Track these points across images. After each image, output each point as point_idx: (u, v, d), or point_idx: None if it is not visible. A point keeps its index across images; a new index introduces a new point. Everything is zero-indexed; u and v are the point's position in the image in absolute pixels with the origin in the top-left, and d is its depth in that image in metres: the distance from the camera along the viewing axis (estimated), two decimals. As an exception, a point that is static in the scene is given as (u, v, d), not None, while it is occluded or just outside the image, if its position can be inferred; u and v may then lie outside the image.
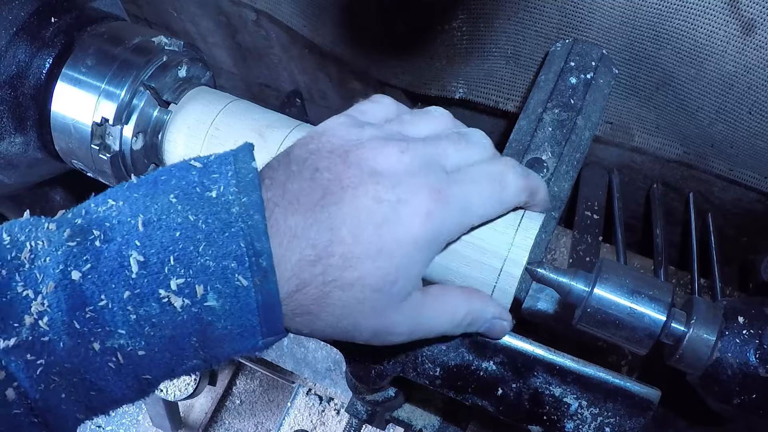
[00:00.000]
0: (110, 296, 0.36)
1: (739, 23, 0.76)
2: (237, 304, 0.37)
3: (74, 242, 0.37)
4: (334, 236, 0.39)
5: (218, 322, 0.37)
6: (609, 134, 0.97)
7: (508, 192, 0.47)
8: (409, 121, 0.48)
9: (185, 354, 0.39)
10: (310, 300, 0.40)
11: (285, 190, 0.40)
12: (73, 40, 0.66)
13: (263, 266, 0.37)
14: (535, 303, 0.72)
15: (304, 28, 1.09)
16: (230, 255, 0.37)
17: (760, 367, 0.55)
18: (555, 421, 0.53)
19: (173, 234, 0.36)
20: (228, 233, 0.37)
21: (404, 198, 0.41)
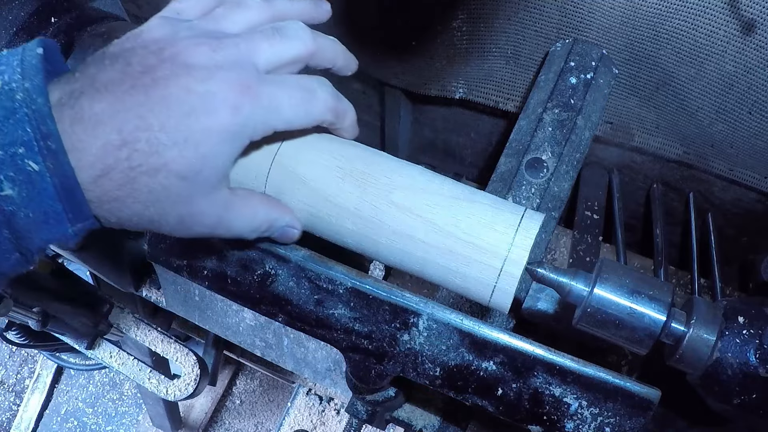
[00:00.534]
0: None
1: (739, 23, 0.76)
2: (33, 190, 0.37)
3: None
4: (141, 122, 0.40)
5: (20, 211, 0.38)
6: (609, 134, 0.97)
7: (317, 106, 0.49)
8: (223, 15, 0.48)
9: (3, 248, 0.39)
10: (116, 185, 0.40)
11: (94, 80, 0.40)
12: (73, 40, 0.66)
13: (53, 148, 0.37)
14: (535, 303, 0.72)
15: (304, 28, 1.09)
16: (17, 141, 0.37)
17: (760, 367, 0.55)
18: (555, 421, 0.53)
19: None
20: (12, 120, 0.37)
21: (213, 90, 0.42)
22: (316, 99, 0.49)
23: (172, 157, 0.41)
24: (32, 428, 2.22)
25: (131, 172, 0.40)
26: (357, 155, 0.60)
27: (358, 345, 0.56)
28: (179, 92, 0.41)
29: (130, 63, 0.41)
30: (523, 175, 0.74)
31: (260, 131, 0.46)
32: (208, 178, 0.44)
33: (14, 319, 1.26)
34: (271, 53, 0.47)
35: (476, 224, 0.54)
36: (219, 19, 0.48)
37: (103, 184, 0.40)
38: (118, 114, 0.39)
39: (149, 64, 0.41)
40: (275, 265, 0.57)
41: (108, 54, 0.43)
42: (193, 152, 0.42)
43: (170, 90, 0.41)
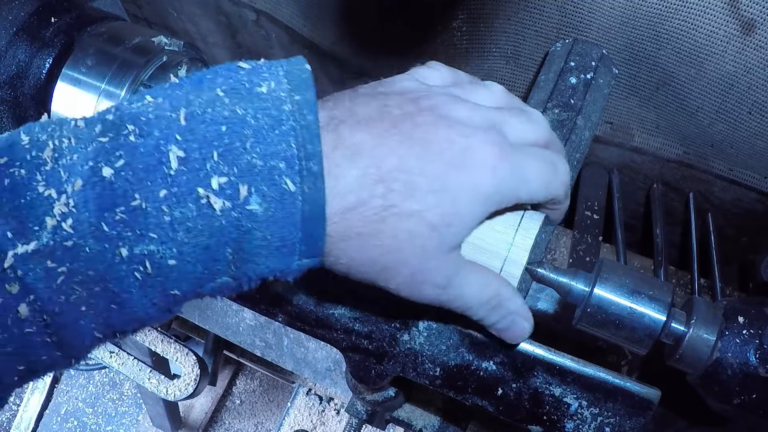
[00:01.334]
0: (144, 195, 0.33)
1: (739, 23, 0.76)
2: (281, 210, 0.34)
3: (106, 137, 0.33)
4: (400, 163, 0.38)
5: (257, 231, 0.34)
6: (609, 134, 0.97)
7: (557, 181, 0.47)
8: (471, 89, 0.47)
9: (217, 267, 0.36)
10: (362, 222, 0.37)
11: (352, 112, 0.39)
12: (73, 40, 0.66)
13: (314, 171, 0.35)
14: (535, 303, 0.72)
15: (304, 28, 1.09)
16: (279, 155, 0.34)
17: (760, 367, 0.55)
18: (555, 421, 0.53)
19: (219, 128, 0.34)
20: (278, 131, 0.34)
21: (475, 147, 0.41)
22: (558, 173, 0.47)
23: (428, 204, 0.39)
24: (32, 428, 2.22)
25: (383, 212, 0.38)
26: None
27: (358, 345, 0.56)
28: (441, 141, 0.40)
29: (387, 105, 0.40)
30: (523, 175, 0.74)
31: (507, 199, 0.44)
32: (455, 234, 0.42)
33: (14, 319, 1.26)
34: (519, 129, 0.46)
35: (476, 224, 0.54)
36: (467, 91, 0.47)
37: (350, 218, 0.37)
38: (377, 148, 0.38)
39: (408, 110, 0.40)
40: (275, 265, 0.57)
41: (360, 93, 0.41)
42: (450, 204, 0.40)
43: (432, 137, 0.39)
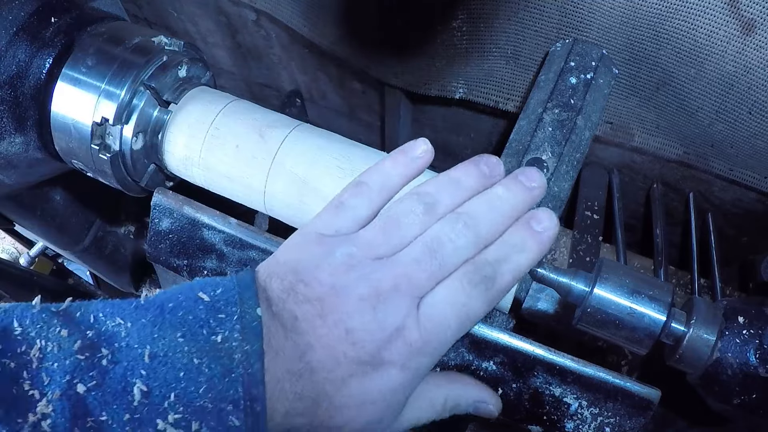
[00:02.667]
0: (111, 414, 0.37)
1: (739, 23, 0.76)
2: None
3: (83, 356, 0.39)
4: (319, 390, 0.42)
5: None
6: (609, 134, 0.97)
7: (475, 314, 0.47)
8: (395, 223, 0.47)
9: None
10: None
11: (269, 339, 0.42)
12: (73, 40, 0.66)
13: (257, 411, 0.39)
14: (535, 303, 0.72)
15: (304, 28, 1.09)
16: (228, 399, 0.39)
17: (760, 367, 0.55)
18: (555, 421, 0.53)
19: (177, 373, 0.39)
20: (228, 378, 0.39)
21: (380, 355, 0.43)
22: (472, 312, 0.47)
23: (351, 417, 0.43)
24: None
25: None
26: (357, 155, 0.60)
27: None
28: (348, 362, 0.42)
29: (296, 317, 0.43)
30: (523, 175, 0.74)
31: (430, 366, 0.47)
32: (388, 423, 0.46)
33: (14, 319, 1.26)
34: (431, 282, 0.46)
35: (476, 224, 0.54)
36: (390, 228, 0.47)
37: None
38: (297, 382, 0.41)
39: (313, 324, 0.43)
40: (275, 265, 0.57)
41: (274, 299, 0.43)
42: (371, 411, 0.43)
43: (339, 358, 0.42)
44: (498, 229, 0.47)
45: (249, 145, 0.62)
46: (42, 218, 0.96)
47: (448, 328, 0.45)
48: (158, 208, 0.63)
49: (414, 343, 0.44)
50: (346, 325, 0.43)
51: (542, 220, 0.48)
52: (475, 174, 0.49)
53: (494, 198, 0.48)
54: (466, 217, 0.46)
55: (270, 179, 0.61)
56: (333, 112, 1.35)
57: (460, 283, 0.46)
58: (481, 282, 0.46)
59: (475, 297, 0.46)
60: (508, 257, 0.47)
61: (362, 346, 0.43)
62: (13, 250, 1.83)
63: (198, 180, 0.66)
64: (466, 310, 0.46)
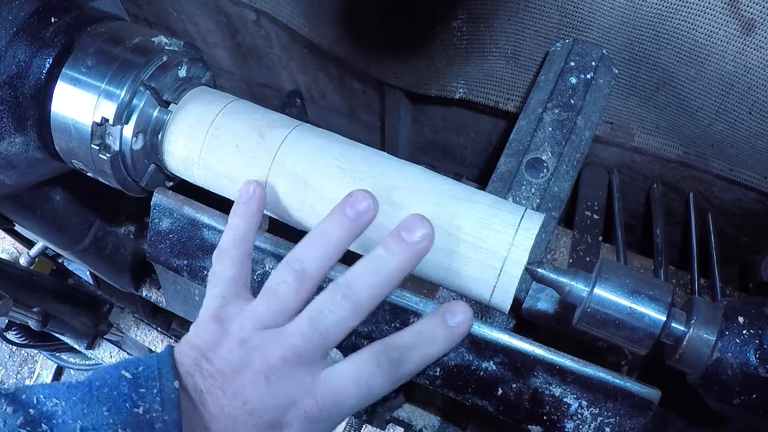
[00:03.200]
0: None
1: (739, 23, 0.76)
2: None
3: (25, 430, 0.43)
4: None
5: None
6: (609, 134, 0.97)
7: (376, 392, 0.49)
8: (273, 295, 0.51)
9: None
10: None
11: (184, 410, 0.45)
12: (73, 40, 0.66)
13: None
14: (535, 303, 0.72)
15: (304, 28, 1.09)
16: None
17: (760, 367, 0.55)
18: (555, 421, 0.53)
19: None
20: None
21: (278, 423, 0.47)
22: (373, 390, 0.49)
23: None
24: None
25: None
26: (357, 155, 0.60)
27: (358, 345, 0.56)
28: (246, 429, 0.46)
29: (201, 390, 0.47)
30: (523, 175, 0.74)
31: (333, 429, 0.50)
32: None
33: (14, 319, 1.26)
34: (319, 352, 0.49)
35: (476, 224, 0.54)
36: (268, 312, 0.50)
37: None
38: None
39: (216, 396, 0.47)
40: (275, 264, 0.57)
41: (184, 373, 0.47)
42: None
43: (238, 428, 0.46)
44: (380, 293, 0.49)
45: (249, 145, 0.62)
46: (42, 218, 0.96)
47: (347, 399, 0.48)
48: (158, 208, 0.63)
49: (310, 411, 0.47)
50: (243, 397, 0.47)
51: (456, 314, 0.51)
52: (341, 223, 0.51)
53: (374, 262, 0.50)
54: (344, 288, 0.49)
55: (270, 179, 0.61)
56: (333, 112, 1.34)
57: (366, 361, 0.49)
58: (387, 363, 0.49)
59: (379, 376, 0.49)
60: (417, 345, 0.50)
61: (260, 416, 0.46)
62: (13, 250, 1.83)
63: (198, 180, 0.66)
64: (367, 387, 0.49)
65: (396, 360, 0.49)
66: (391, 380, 0.49)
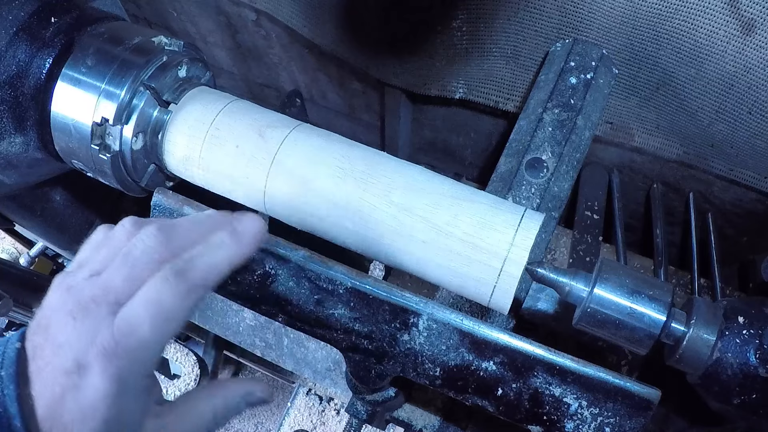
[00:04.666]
0: None
1: (739, 23, 0.76)
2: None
3: None
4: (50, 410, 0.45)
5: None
6: (609, 134, 0.97)
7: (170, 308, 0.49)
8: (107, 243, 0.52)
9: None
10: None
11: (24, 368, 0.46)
12: (73, 40, 0.66)
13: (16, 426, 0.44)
14: (535, 303, 0.72)
15: (304, 28, 1.09)
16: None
17: (760, 367, 0.55)
18: (555, 421, 0.53)
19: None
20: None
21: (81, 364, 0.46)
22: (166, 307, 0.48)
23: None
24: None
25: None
26: (357, 155, 0.60)
27: (358, 345, 0.56)
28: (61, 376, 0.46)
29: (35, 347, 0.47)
30: (523, 175, 0.74)
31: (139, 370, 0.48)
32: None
33: (14, 319, 1.26)
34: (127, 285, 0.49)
35: (476, 224, 0.54)
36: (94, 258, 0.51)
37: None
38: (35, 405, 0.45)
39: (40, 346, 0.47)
40: (275, 265, 0.57)
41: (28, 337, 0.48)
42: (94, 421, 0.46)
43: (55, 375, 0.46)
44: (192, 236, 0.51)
45: (249, 145, 0.62)
46: (42, 218, 0.96)
47: (140, 325, 0.47)
48: (158, 208, 0.63)
49: (107, 345, 0.46)
50: (56, 340, 0.47)
51: (242, 220, 0.52)
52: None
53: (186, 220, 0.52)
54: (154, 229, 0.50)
55: (270, 179, 0.61)
56: (333, 112, 1.34)
57: (153, 281, 0.48)
58: (172, 276, 0.48)
59: (166, 292, 0.48)
60: (203, 254, 0.50)
61: (66, 357, 0.46)
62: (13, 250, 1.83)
63: (198, 180, 0.66)
64: (158, 306, 0.48)
65: (181, 270, 0.49)
66: (179, 293, 0.48)
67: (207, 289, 0.50)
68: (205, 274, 0.50)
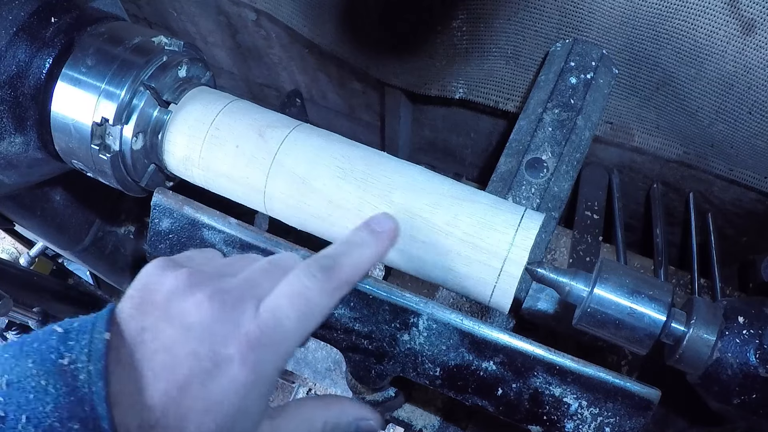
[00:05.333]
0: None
1: (739, 23, 0.76)
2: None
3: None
4: (165, 397, 0.42)
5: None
6: (609, 134, 0.97)
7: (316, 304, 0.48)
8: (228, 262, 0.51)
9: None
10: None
11: (119, 356, 0.43)
12: (73, 40, 0.66)
13: (103, 428, 0.40)
14: (535, 303, 0.72)
15: (304, 28, 1.09)
16: (75, 417, 0.40)
17: (760, 367, 0.55)
18: (555, 421, 0.53)
19: (27, 396, 0.41)
20: (74, 398, 0.41)
21: (217, 350, 0.43)
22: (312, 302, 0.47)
23: (200, 423, 0.42)
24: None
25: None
26: (357, 155, 0.60)
27: (358, 345, 0.56)
28: (188, 360, 0.43)
29: (143, 328, 0.44)
30: (523, 175, 0.74)
31: (278, 365, 0.46)
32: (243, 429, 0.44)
33: (14, 319, 1.26)
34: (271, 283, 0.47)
35: (476, 224, 0.54)
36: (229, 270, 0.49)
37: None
38: (144, 392, 0.42)
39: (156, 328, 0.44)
40: (275, 265, 0.57)
41: (122, 318, 0.45)
42: (220, 414, 0.43)
43: (179, 359, 0.43)
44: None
45: (249, 145, 0.62)
46: (42, 218, 0.96)
47: (286, 318, 0.46)
48: (158, 208, 0.63)
49: (251, 335, 0.44)
50: (184, 321, 0.44)
51: (381, 221, 0.52)
52: None
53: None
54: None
55: (270, 179, 0.61)
56: (333, 112, 1.34)
57: (298, 276, 0.47)
58: (319, 272, 0.47)
59: (313, 286, 0.47)
60: (347, 252, 0.50)
61: (198, 340, 0.43)
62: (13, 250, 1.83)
63: (198, 180, 0.66)
64: (305, 300, 0.47)
65: (328, 267, 0.48)
66: (327, 289, 0.47)
67: (349, 288, 0.49)
68: (351, 271, 0.49)
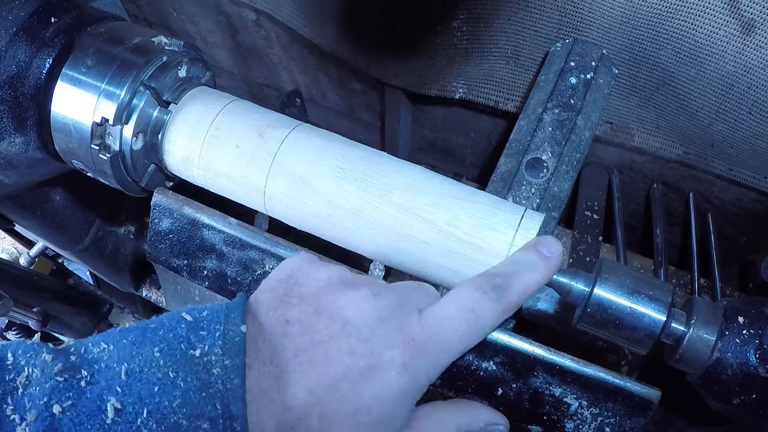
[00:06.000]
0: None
1: (739, 23, 0.76)
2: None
3: (62, 377, 0.38)
4: (310, 396, 0.39)
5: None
6: (609, 134, 0.97)
7: (484, 321, 0.46)
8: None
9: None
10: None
11: (257, 349, 0.40)
12: (73, 40, 0.66)
13: (237, 429, 0.37)
14: (535, 303, 0.72)
15: (304, 28, 1.09)
16: (204, 415, 0.37)
17: (760, 367, 0.55)
18: (555, 421, 0.53)
19: (152, 388, 0.37)
20: (206, 393, 0.37)
21: (378, 350, 0.40)
22: (481, 319, 0.45)
23: (346, 428, 0.39)
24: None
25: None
26: (357, 155, 0.60)
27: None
28: (343, 358, 0.40)
29: (288, 321, 0.41)
30: (523, 175, 0.74)
31: (434, 375, 0.44)
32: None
33: (14, 319, 1.26)
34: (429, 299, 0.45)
35: (476, 224, 0.54)
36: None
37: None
38: (286, 390, 0.39)
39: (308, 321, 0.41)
40: (276, 265, 0.57)
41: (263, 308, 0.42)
42: (367, 419, 0.40)
43: (333, 356, 0.40)
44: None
45: (249, 145, 0.62)
46: (42, 218, 0.96)
47: (453, 328, 0.43)
48: (158, 208, 0.63)
49: (417, 339, 0.41)
50: (342, 315, 0.41)
51: (550, 245, 0.50)
52: None
53: None
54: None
55: (270, 179, 0.61)
56: (333, 112, 1.34)
57: (469, 290, 0.45)
58: (491, 290, 0.46)
59: (485, 304, 0.45)
60: (518, 272, 0.48)
61: (359, 339, 0.40)
62: (13, 250, 1.83)
63: (198, 180, 0.66)
64: (474, 315, 0.45)
65: (500, 286, 0.46)
66: (498, 308, 0.45)
67: (514, 311, 0.47)
68: (521, 293, 0.47)
